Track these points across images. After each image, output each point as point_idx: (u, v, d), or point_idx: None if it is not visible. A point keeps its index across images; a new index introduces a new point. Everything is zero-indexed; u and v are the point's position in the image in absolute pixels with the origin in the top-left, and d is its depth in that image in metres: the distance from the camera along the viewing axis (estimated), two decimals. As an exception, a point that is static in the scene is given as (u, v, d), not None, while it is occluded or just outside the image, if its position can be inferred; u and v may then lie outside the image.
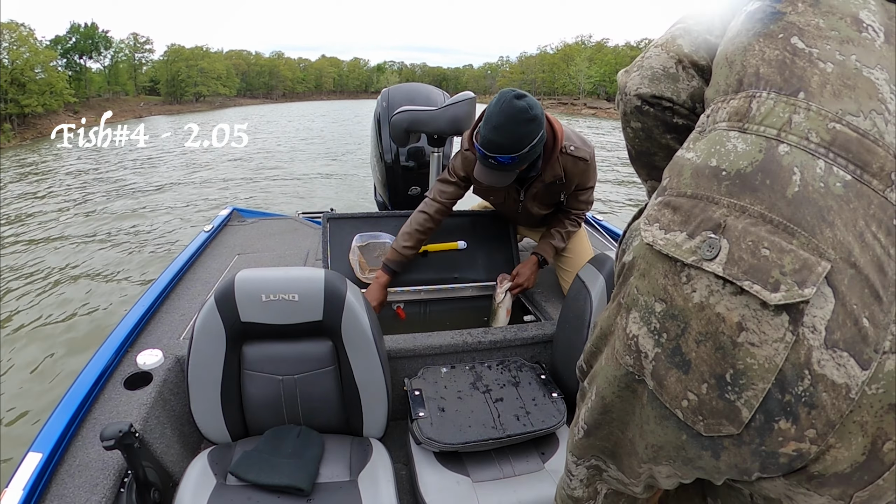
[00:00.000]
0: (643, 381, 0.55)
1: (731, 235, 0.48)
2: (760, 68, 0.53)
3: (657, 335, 0.52)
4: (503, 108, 1.39)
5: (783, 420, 0.46)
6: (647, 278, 0.54)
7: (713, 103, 0.59)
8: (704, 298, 0.48)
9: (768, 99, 0.51)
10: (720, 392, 0.48)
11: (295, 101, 68.59)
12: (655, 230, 0.54)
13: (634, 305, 0.55)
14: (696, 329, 0.49)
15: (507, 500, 1.15)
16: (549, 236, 1.81)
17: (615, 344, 0.59)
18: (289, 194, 9.20)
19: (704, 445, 0.52)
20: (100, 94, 43.31)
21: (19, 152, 16.77)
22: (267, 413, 1.26)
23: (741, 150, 0.51)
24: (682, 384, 0.50)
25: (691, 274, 0.50)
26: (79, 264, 5.54)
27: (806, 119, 0.49)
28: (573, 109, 49.69)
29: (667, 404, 0.53)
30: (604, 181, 10.92)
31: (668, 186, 0.57)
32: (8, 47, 27.81)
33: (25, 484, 0.96)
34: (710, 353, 0.48)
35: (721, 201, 0.50)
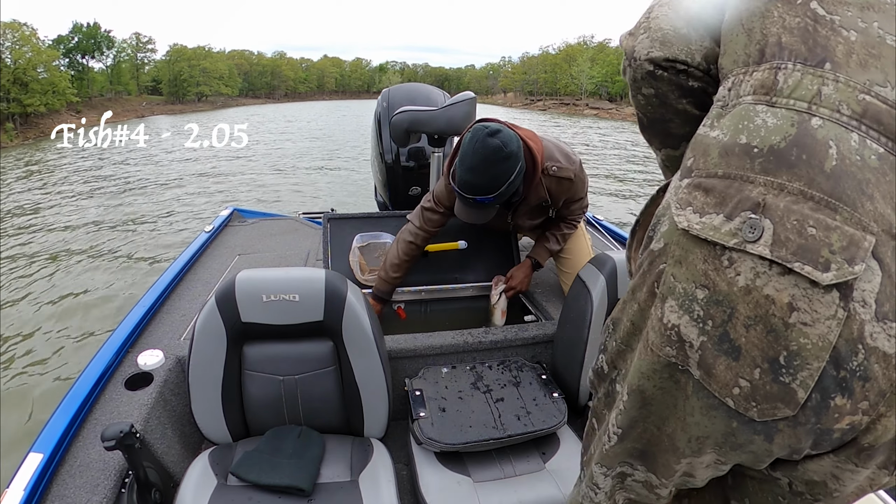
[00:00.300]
0: (687, 371, 0.53)
1: (773, 215, 0.46)
2: (782, 37, 0.51)
3: (701, 323, 0.50)
4: (477, 148, 1.35)
5: (839, 396, 0.46)
6: (684, 265, 0.51)
7: (732, 74, 0.56)
8: (750, 281, 0.46)
9: (795, 71, 0.49)
10: (774, 375, 0.46)
11: (297, 102, 68.66)
12: (689, 214, 0.51)
13: (671, 294, 0.52)
14: (744, 313, 0.47)
15: (508, 500, 1.14)
16: (545, 239, 1.81)
17: (649, 336, 0.56)
18: (290, 192, 9.22)
19: (757, 430, 0.50)
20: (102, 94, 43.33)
21: (21, 152, 16.77)
22: (268, 413, 1.26)
23: (772, 125, 0.48)
24: (733, 371, 0.48)
25: (733, 257, 0.47)
26: (78, 266, 5.54)
27: (835, 91, 0.47)
28: (575, 110, 49.70)
29: (716, 393, 0.50)
30: (604, 182, 10.92)
31: (695, 167, 0.54)
32: (10, 47, 27.89)
33: (26, 484, 0.96)
34: (761, 337, 0.46)
35: (756, 179, 0.48)
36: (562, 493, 1.16)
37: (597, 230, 2.69)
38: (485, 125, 1.38)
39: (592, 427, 0.74)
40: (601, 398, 0.70)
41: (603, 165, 13.26)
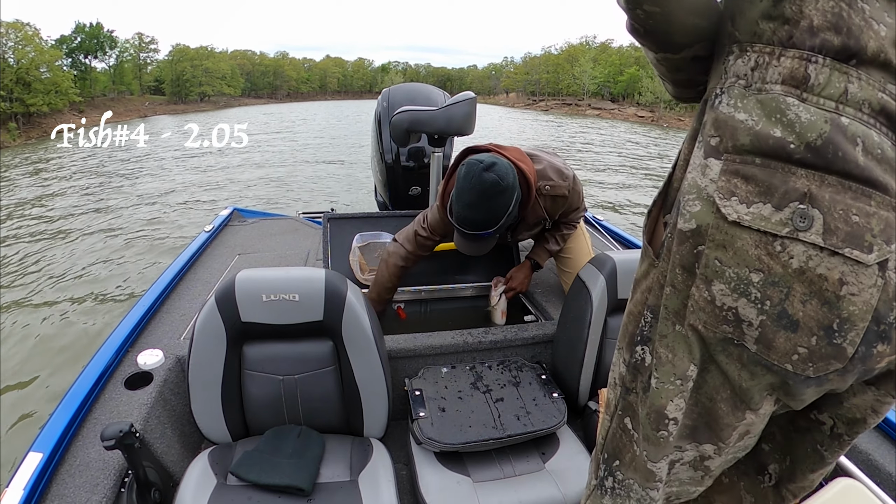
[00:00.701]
0: (742, 345, 0.57)
1: (821, 206, 0.50)
2: (815, 20, 0.51)
3: (759, 304, 0.54)
4: (474, 184, 1.34)
5: (880, 344, 0.54)
6: (730, 250, 0.54)
7: (754, 51, 0.55)
8: (803, 263, 0.51)
9: (825, 67, 0.51)
10: (829, 340, 0.53)
11: (299, 102, 68.67)
12: (736, 205, 0.53)
13: (718, 277, 0.55)
14: (800, 291, 0.52)
15: (508, 500, 1.14)
16: (544, 240, 1.81)
17: (697, 316, 0.58)
18: (293, 191, 9.22)
19: (810, 384, 0.56)
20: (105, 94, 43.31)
21: (16, 152, 16.77)
22: (267, 413, 1.26)
23: (806, 122, 0.51)
24: (791, 342, 0.54)
25: (785, 243, 0.52)
26: (80, 263, 5.54)
27: (860, 90, 0.51)
28: (577, 110, 49.69)
29: (774, 362, 0.55)
30: (606, 184, 10.92)
31: (723, 149, 0.55)
32: (13, 47, 27.92)
33: (26, 484, 0.96)
34: (816, 309, 0.52)
35: (797, 172, 0.51)
36: (561, 493, 1.16)
37: (597, 230, 2.69)
38: (479, 160, 1.36)
39: (625, 427, 0.72)
40: (639, 393, 0.68)
41: (605, 166, 13.26)
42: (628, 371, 0.70)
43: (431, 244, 1.65)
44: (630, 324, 0.69)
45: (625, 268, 1.44)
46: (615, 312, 1.47)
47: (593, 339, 1.43)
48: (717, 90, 0.59)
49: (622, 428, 0.72)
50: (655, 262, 0.64)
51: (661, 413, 0.65)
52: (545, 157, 1.60)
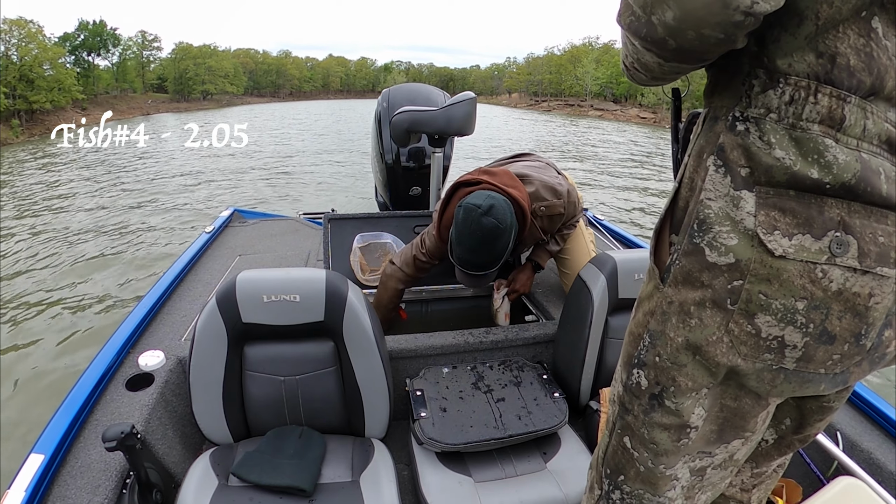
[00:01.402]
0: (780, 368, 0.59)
1: (854, 232, 0.54)
2: (851, 60, 0.52)
3: (804, 328, 0.56)
4: (473, 230, 1.35)
5: (887, 330, 0.59)
6: (776, 283, 0.55)
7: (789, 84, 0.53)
8: (841, 285, 0.55)
9: (856, 106, 0.53)
10: (857, 343, 0.57)
11: (302, 101, 68.70)
12: (780, 239, 0.55)
13: (764, 310, 0.56)
14: (837, 309, 0.56)
15: (510, 500, 1.14)
16: (545, 241, 1.81)
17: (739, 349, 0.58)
18: (296, 189, 9.22)
19: (837, 381, 0.61)
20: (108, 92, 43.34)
21: (24, 148, 16.81)
22: (269, 414, 1.26)
23: (843, 163, 0.53)
24: (828, 353, 0.58)
25: (825, 269, 0.55)
26: (80, 263, 5.55)
27: (874, 125, 0.54)
28: (580, 111, 49.69)
29: (810, 370, 0.59)
30: (607, 184, 10.92)
31: (756, 182, 0.55)
32: (17, 44, 27.98)
33: (27, 485, 0.96)
34: (850, 322, 0.56)
35: (829, 202, 0.54)
36: (563, 493, 1.16)
37: (597, 230, 2.69)
38: (476, 204, 1.35)
39: (624, 445, 0.72)
40: (639, 414, 0.68)
41: (607, 166, 13.25)
42: (626, 392, 0.69)
43: (430, 267, 1.66)
44: (630, 344, 0.69)
45: (625, 267, 1.44)
46: (616, 312, 1.47)
47: (594, 339, 1.43)
48: (736, 114, 0.57)
49: (622, 446, 0.72)
50: (661, 286, 0.63)
51: (683, 425, 0.66)
52: (535, 177, 1.58)
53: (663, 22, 0.50)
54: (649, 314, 0.65)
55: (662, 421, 0.66)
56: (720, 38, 0.50)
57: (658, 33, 0.52)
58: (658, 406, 0.65)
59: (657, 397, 0.65)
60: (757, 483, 0.90)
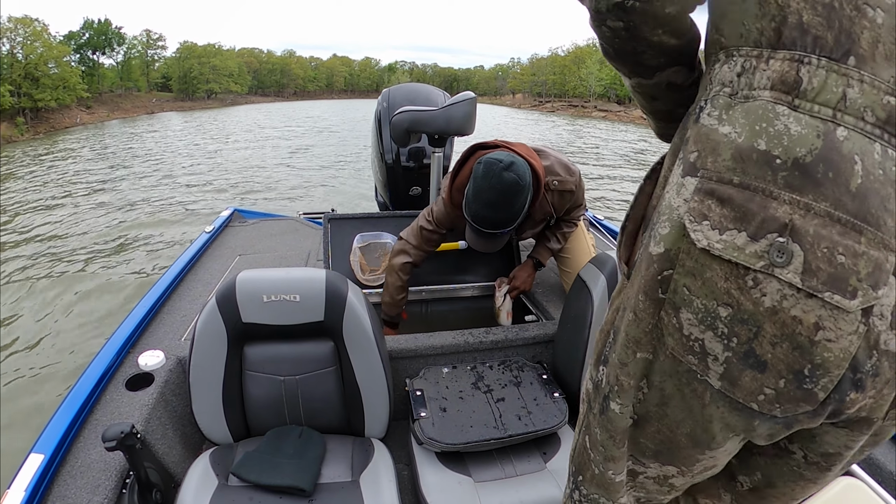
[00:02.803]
0: (705, 381, 0.53)
1: (802, 240, 0.45)
2: (804, 14, 0.45)
3: (726, 340, 0.49)
4: (493, 183, 1.33)
5: (853, 392, 0.49)
6: (699, 279, 0.50)
7: (740, 54, 0.49)
8: (777, 303, 0.46)
9: (820, 68, 0.44)
10: (798, 384, 0.49)
11: (306, 100, 68.80)
12: (707, 230, 0.48)
13: (686, 306, 0.51)
14: (770, 332, 0.47)
15: (509, 500, 1.14)
16: (546, 239, 1.81)
17: (667, 342, 0.54)
18: (297, 188, 9.22)
19: (778, 422, 0.53)
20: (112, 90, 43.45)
21: (29, 147, 16.86)
22: (268, 414, 1.27)
23: (795, 134, 0.45)
24: (758, 382, 0.50)
25: (758, 278, 0.46)
26: (81, 262, 5.55)
27: (861, 94, 0.44)
28: (583, 112, 49.65)
29: (740, 399, 0.52)
30: (609, 185, 10.92)
31: (702, 166, 0.49)
32: (22, 42, 28.08)
33: (27, 485, 0.96)
34: (787, 353, 0.48)
35: (781, 196, 0.45)
36: (562, 493, 1.16)
37: (597, 230, 2.69)
38: (497, 159, 1.35)
39: (585, 445, 0.70)
40: (596, 413, 0.66)
41: (608, 167, 13.25)
42: (593, 388, 0.68)
43: (437, 238, 1.65)
44: (599, 341, 0.67)
45: None
46: None
47: (594, 339, 1.43)
48: (700, 102, 0.54)
49: (584, 445, 0.71)
50: (626, 282, 0.61)
51: (624, 432, 0.64)
52: (552, 153, 1.61)
53: None
54: (616, 311, 0.63)
55: (608, 424, 0.64)
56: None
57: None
58: (607, 408, 0.63)
59: (607, 398, 0.63)
60: None
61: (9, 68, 26.01)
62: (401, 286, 1.66)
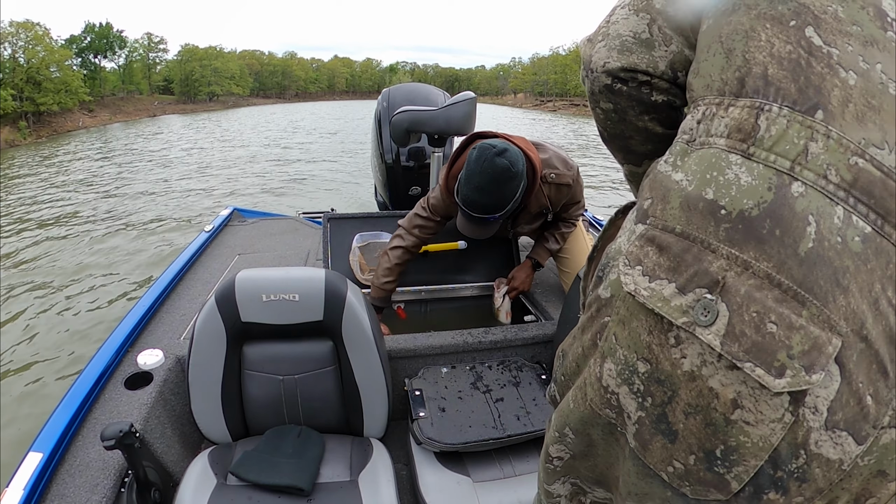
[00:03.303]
0: (625, 435, 0.51)
1: (731, 300, 0.41)
2: (769, 68, 0.43)
3: (641, 398, 0.47)
4: (485, 168, 1.35)
5: (772, 492, 0.43)
6: (627, 328, 0.47)
7: (704, 103, 0.48)
8: (696, 368, 0.43)
9: (780, 116, 0.41)
10: (708, 465, 0.44)
11: (308, 102, 68.84)
12: (638, 276, 0.46)
13: (611, 356, 0.49)
14: (684, 400, 0.44)
15: (508, 500, 1.15)
16: (544, 239, 1.81)
17: (587, 390, 0.53)
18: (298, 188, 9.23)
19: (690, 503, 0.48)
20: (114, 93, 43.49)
21: (32, 150, 16.86)
22: (267, 413, 1.27)
23: (745, 184, 0.41)
24: (668, 452, 0.46)
25: (681, 336, 0.43)
26: (81, 262, 5.55)
27: (825, 150, 0.40)
28: (585, 111, 49.55)
29: (650, 465, 0.48)
30: (610, 182, 10.92)
31: (651, 213, 0.48)
32: (24, 46, 28.10)
33: (26, 483, 0.96)
34: (699, 427, 0.44)
35: (719, 249, 0.42)
36: None
37: (597, 230, 2.69)
38: (491, 144, 1.37)
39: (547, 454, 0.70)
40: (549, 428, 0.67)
41: (610, 165, 13.25)
42: (550, 400, 0.69)
43: (431, 225, 1.66)
44: (556, 358, 0.67)
45: None
46: None
47: None
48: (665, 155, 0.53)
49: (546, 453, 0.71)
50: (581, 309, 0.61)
51: (547, 450, 0.65)
52: (550, 148, 1.62)
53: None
54: (570, 334, 0.63)
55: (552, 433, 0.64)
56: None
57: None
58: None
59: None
60: None
61: (11, 72, 26.04)
62: (388, 268, 1.66)
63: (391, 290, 1.70)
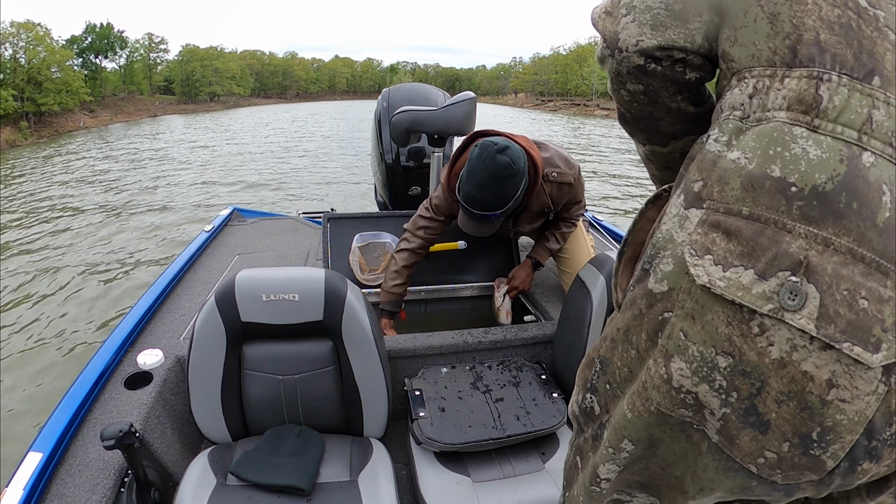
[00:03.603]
0: (703, 431, 0.48)
1: (819, 280, 0.39)
2: (821, 33, 0.41)
3: (724, 394, 0.44)
4: (486, 165, 1.35)
5: (866, 462, 0.43)
6: (699, 322, 0.44)
7: (753, 75, 0.45)
8: (786, 354, 0.41)
9: (841, 85, 0.40)
10: (804, 450, 0.43)
11: (308, 101, 68.88)
12: (709, 266, 0.43)
13: (681, 354, 0.46)
14: (776, 389, 0.42)
15: (508, 500, 1.14)
16: (545, 239, 1.81)
17: (651, 396, 0.49)
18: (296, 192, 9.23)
19: (778, 488, 0.47)
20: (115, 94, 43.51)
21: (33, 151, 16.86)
22: (267, 413, 1.27)
23: (815, 158, 0.40)
24: (759, 443, 0.44)
25: (766, 324, 0.41)
26: (81, 261, 5.55)
27: (888, 117, 0.39)
28: (586, 111, 49.66)
29: (737, 459, 0.46)
30: (611, 183, 10.92)
31: (708, 196, 0.45)
32: (25, 47, 28.14)
33: (26, 483, 0.96)
34: (793, 413, 0.42)
35: (795, 229, 0.40)
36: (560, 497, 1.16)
37: (597, 230, 2.69)
38: (493, 141, 1.38)
39: (576, 465, 0.68)
40: (588, 439, 0.64)
41: (613, 165, 13.25)
42: (581, 413, 0.65)
43: (436, 226, 1.67)
44: (586, 367, 0.64)
45: None
46: None
47: (593, 339, 1.43)
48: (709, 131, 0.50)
49: (574, 463, 0.69)
50: (616, 311, 0.58)
51: (594, 471, 0.60)
52: (552, 147, 1.64)
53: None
54: (604, 338, 0.60)
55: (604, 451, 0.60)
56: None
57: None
58: (601, 436, 0.60)
59: (604, 426, 0.59)
60: None
61: (12, 73, 26.08)
62: (395, 272, 1.67)
63: (401, 293, 1.70)
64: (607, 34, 0.55)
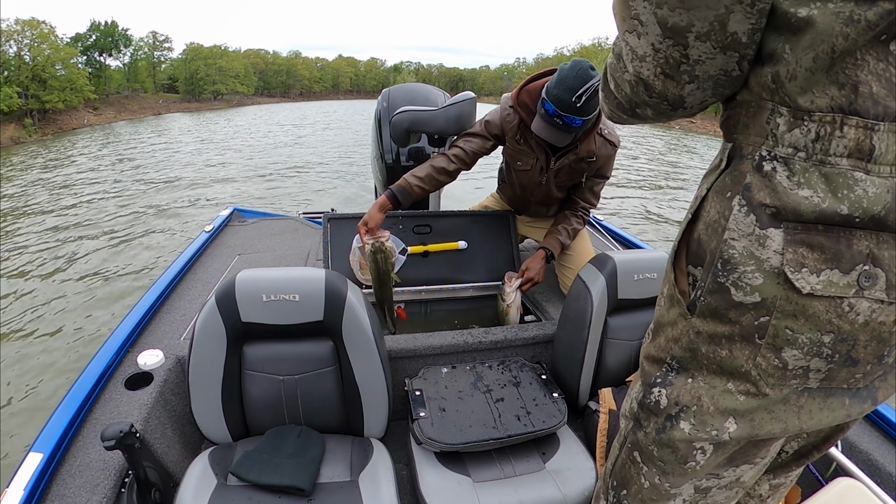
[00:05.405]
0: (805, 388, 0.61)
1: (883, 265, 0.54)
2: (874, 87, 0.50)
3: (829, 358, 0.58)
4: (580, 73, 1.45)
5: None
6: (802, 318, 0.56)
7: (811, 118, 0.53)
8: (868, 317, 0.55)
9: (886, 132, 0.51)
10: (880, 364, 0.59)
11: (312, 101, 68.86)
12: (808, 276, 0.55)
13: (790, 345, 0.58)
14: (863, 339, 0.57)
15: (508, 500, 1.14)
16: (556, 232, 1.80)
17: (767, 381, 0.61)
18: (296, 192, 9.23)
19: (863, 398, 0.63)
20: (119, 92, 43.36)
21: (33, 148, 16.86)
22: (268, 413, 1.27)
23: (872, 195, 0.52)
24: (851, 373, 0.60)
25: (852, 303, 0.55)
26: (80, 262, 5.55)
27: None
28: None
29: (834, 386, 0.61)
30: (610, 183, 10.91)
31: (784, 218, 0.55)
32: (29, 44, 28.09)
33: (26, 484, 0.96)
34: (875, 348, 0.57)
35: (859, 235, 0.54)
36: (562, 494, 1.16)
37: (597, 230, 2.69)
38: (585, 59, 1.50)
39: (633, 460, 0.74)
40: (650, 433, 0.70)
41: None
42: (641, 409, 0.72)
43: (479, 143, 1.73)
44: (651, 366, 0.71)
45: (625, 268, 1.44)
46: (615, 312, 1.47)
47: (593, 339, 1.43)
48: (763, 153, 0.57)
49: (631, 460, 0.75)
50: (688, 315, 0.65)
51: (690, 450, 0.68)
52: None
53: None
54: (673, 340, 0.67)
55: (670, 441, 0.68)
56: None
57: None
58: (672, 427, 0.68)
59: (674, 417, 0.67)
60: (773, 493, 0.93)
61: (16, 70, 26.08)
62: (427, 171, 1.69)
63: (416, 193, 1.68)
64: (669, 95, 0.63)
